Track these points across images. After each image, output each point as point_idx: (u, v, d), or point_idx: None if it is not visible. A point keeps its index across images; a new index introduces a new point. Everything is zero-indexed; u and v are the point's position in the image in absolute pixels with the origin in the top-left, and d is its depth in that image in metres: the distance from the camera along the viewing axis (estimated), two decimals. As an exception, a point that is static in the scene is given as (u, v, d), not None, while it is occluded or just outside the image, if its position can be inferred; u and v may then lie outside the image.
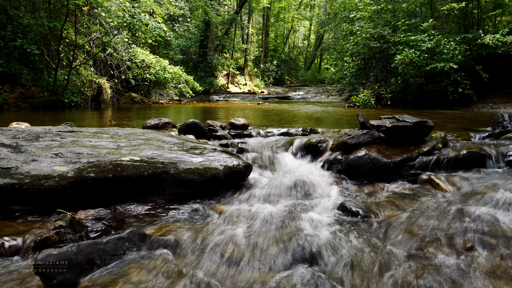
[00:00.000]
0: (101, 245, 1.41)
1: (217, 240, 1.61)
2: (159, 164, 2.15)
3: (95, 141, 2.62)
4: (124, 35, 8.81)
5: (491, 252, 1.56)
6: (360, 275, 1.41)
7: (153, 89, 12.64)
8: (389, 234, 1.75)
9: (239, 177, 2.42)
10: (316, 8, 30.37)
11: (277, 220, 1.87)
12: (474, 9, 9.17)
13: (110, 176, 1.98)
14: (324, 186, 2.46)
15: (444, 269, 1.41)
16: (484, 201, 2.04)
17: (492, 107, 8.14)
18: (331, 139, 3.09)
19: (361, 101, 9.45)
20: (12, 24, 7.97)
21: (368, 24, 10.09)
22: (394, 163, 2.62)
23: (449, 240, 1.65)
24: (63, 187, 1.87)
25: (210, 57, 18.76)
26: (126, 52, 10.00)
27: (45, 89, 8.31)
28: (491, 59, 8.58)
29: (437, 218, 1.87)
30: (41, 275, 1.27)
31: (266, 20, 25.69)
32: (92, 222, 1.64)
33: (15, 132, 2.71)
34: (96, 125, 5.03)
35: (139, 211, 1.94)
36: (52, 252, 1.31)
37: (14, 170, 1.94)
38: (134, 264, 1.40)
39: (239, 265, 1.47)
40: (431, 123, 2.87)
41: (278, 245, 1.58)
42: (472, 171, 2.59)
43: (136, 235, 1.52)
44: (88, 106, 9.04)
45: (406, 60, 8.11)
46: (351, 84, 11.69)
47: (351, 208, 2.01)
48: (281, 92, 19.79)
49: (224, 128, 3.85)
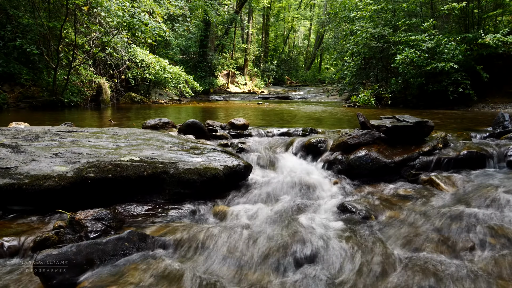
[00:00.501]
0: (101, 245, 1.40)
1: (217, 240, 1.61)
2: (159, 164, 2.15)
3: (94, 141, 2.61)
4: (124, 34, 8.81)
5: (492, 252, 1.56)
6: (360, 276, 1.41)
7: (153, 89, 12.64)
8: (389, 235, 1.75)
9: (239, 177, 2.41)
10: (316, 7, 30.37)
11: (277, 221, 1.87)
12: (474, 8, 9.16)
13: (109, 176, 1.97)
14: (324, 186, 2.46)
15: (445, 270, 1.41)
16: (485, 201, 2.04)
17: (492, 107, 8.13)
18: (331, 139, 3.09)
19: (361, 101, 9.45)
20: (12, 23, 7.96)
21: (368, 24, 10.08)
22: (395, 163, 2.61)
23: (450, 241, 1.64)
24: (62, 187, 1.87)
25: (210, 57, 18.75)
26: (125, 52, 9.99)
27: (44, 89, 8.30)
28: (491, 59, 8.58)
29: (438, 219, 1.87)
30: (41, 275, 1.26)
31: (266, 20, 25.67)
32: (91, 222, 1.63)
33: (14, 132, 2.70)
34: (96, 125, 5.03)
35: (139, 211, 1.94)
36: (51, 252, 1.30)
37: (14, 170, 1.93)
38: (133, 265, 1.40)
39: (239, 266, 1.47)
40: (432, 123, 2.87)
41: (278, 245, 1.58)
42: (472, 171, 2.58)
43: (136, 235, 1.52)
44: (87, 106, 9.03)
45: (406, 60, 8.10)
46: (351, 84, 11.68)
47: (351, 208, 2.00)
48: (281, 92, 19.78)
49: (224, 128, 3.84)
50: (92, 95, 9.33)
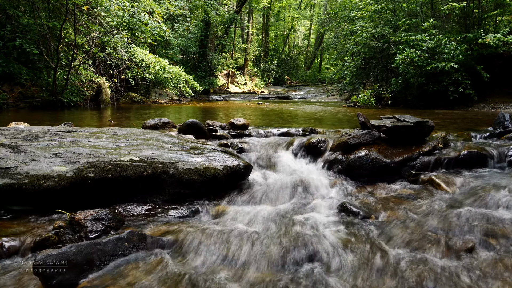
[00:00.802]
0: (101, 246, 1.40)
1: (217, 240, 1.61)
2: (158, 164, 2.14)
3: (94, 141, 2.61)
4: (124, 34, 8.79)
5: (492, 253, 1.56)
6: (360, 276, 1.41)
7: (153, 89, 12.62)
8: (389, 235, 1.74)
9: (239, 177, 2.41)
10: (316, 7, 30.34)
11: (277, 221, 1.86)
12: (475, 8, 9.15)
13: (109, 176, 1.97)
14: (324, 187, 2.45)
15: (445, 270, 1.41)
16: (485, 201, 2.04)
17: (493, 107, 8.11)
18: (331, 139, 3.08)
19: (362, 101, 9.43)
20: (11, 23, 7.95)
21: (368, 24, 10.07)
22: (395, 163, 2.61)
23: (450, 241, 1.64)
24: (62, 187, 1.87)
25: (210, 56, 18.73)
26: (125, 51, 9.98)
27: (44, 88, 8.29)
28: (492, 59, 8.56)
29: (438, 219, 1.87)
30: (40, 276, 1.26)
31: (266, 20, 25.64)
32: (91, 222, 1.63)
33: (14, 132, 2.70)
34: (96, 125, 5.02)
35: (139, 212, 1.94)
36: (51, 252, 1.30)
37: (13, 170, 1.93)
38: (133, 265, 1.40)
39: (239, 266, 1.47)
40: (432, 123, 2.86)
41: (278, 245, 1.57)
42: (473, 171, 2.58)
43: (136, 236, 1.52)
44: (87, 106, 9.01)
45: (406, 59, 8.09)
46: (351, 84, 11.66)
47: (351, 208, 2.00)
48: (281, 92, 19.76)
49: (224, 128, 3.84)
50: (92, 95, 9.31)
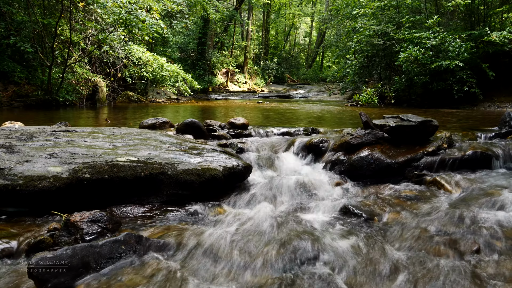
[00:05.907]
0: (97, 248, 1.39)
1: (216, 242, 1.60)
2: (156, 165, 2.11)
3: (90, 141, 2.57)
4: (121, 32, 8.69)
5: (498, 255, 1.55)
6: (363, 279, 1.40)
7: (150, 88, 12.54)
8: (393, 237, 1.73)
9: (239, 178, 2.38)
10: (318, 4, 30.23)
11: (278, 222, 1.84)
12: (480, 5, 9.04)
13: (106, 177, 1.95)
14: (326, 187, 2.43)
15: (450, 273, 1.39)
16: (491, 202, 2.02)
17: (499, 106, 8.01)
18: (333, 139, 3.05)
19: (364, 100, 9.35)
20: (5, 21, 7.86)
21: (371, 21, 9.98)
22: (398, 164, 2.58)
23: (455, 243, 1.64)
24: (57, 188, 1.85)
25: (208, 54, 18.65)
26: (122, 49, 9.88)
27: (39, 87, 8.21)
28: (497, 57, 8.44)
29: (443, 220, 1.86)
30: (35, 279, 1.26)
31: (267, 17, 25.51)
32: (87, 224, 1.61)
33: (8, 131, 2.66)
34: (92, 124, 4.98)
35: (136, 213, 1.92)
36: (46, 255, 1.30)
37: (7, 171, 1.91)
38: (130, 268, 1.40)
39: (238, 268, 1.46)
40: (436, 122, 2.83)
41: (278, 247, 1.56)
42: (478, 171, 2.56)
43: (133, 238, 1.50)
44: (83, 105, 8.92)
45: (410, 57, 8.00)
46: (353, 82, 11.57)
47: (354, 210, 1.97)
48: (282, 91, 19.69)
49: (223, 127, 3.79)
50: (88, 93, 9.20)
